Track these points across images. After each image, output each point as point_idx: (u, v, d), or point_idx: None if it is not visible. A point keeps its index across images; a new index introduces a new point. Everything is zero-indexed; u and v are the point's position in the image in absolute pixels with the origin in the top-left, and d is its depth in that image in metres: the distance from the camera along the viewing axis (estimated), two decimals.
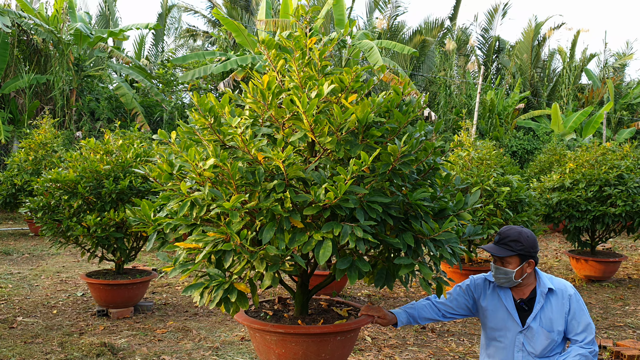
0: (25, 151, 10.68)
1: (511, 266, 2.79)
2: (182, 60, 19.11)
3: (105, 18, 23.97)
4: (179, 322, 5.51)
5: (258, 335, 2.88)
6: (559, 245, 11.11)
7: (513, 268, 2.78)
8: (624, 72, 27.30)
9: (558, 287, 2.83)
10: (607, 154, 7.82)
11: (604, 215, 7.24)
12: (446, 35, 25.98)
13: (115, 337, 5.00)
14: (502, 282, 2.84)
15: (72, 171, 5.33)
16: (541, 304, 2.81)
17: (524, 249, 2.77)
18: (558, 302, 2.80)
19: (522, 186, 6.55)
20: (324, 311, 3.24)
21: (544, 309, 2.80)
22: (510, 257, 2.78)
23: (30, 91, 16.91)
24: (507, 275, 2.80)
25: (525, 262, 2.80)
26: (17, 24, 16.80)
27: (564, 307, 2.79)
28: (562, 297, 2.80)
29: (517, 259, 2.78)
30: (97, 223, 5.17)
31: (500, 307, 2.90)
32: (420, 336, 5.24)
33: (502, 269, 2.80)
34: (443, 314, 3.03)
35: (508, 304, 2.87)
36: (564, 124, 21.34)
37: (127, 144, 5.72)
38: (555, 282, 2.87)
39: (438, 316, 3.03)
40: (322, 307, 3.32)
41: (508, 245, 2.78)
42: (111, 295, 5.59)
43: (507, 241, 2.79)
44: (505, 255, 2.76)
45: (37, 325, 5.31)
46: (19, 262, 8.38)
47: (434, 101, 22.95)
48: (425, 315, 3.03)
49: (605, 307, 6.51)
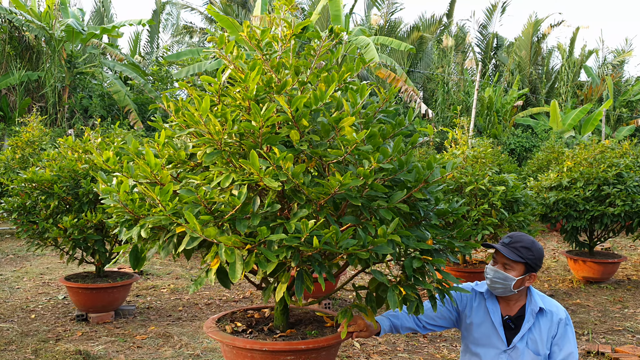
0: (12, 149, 10.46)
1: (514, 273, 2.55)
2: (176, 57, 18.88)
3: (100, 15, 23.73)
4: (161, 328, 5.30)
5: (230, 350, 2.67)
6: (557, 245, 10.90)
7: (515, 276, 2.54)
8: (623, 69, 27.09)
9: (549, 309, 2.59)
10: (605, 152, 7.61)
11: (602, 215, 7.03)
12: (444, 32, 25.75)
13: (93, 344, 4.79)
14: (497, 289, 2.59)
15: (48, 170, 5.12)
16: (530, 324, 2.57)
17: (533, 260, 2.54)
18: (547, 324, 2.57)
19: (518, 185, 6.33)
20: (304, 320, 3.03)
21: (532, 329, 2.57)
22: (516, 263, 2.55)
23: (21, 88, 16.68)
24: (505, 281, 2.55)
25: (528, 274, 2.57)
26: (8, 20, 16.57)
27: (551, 330, 2.56)
28: (551, 319, 2.57)
29: (522, 268, 2.55)
30: (74, 224, 4.96)
31: (486, 321, 2.66)
32: (411, 342, 5.04)
33: (502, 273, 2.55)
34: (423, 325, 2.79)
35: (495, 319, 2.63)
36: (562, 121, 21.13)
37: (107, 142, 5.50)
38: (547, 302, 2.63)
39: (418, 327, 2.79)
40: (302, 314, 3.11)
41: (518, 251, 2.54)
42: (90, 299, 5.38)
43: (518, 246, 2.55)
44: (513, 258, 2.52)
45: (12, 331, 5.10)
46: (2, 264, 8.17)
47: (431, 98, 22.74)
48: (407, 324, 2.79)
49: (604, 310, 6.31)
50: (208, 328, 2.76)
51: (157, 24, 24.52)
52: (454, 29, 26.45)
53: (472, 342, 2.70)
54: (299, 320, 3.02)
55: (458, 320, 2.79)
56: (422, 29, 24.35)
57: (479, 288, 2.76)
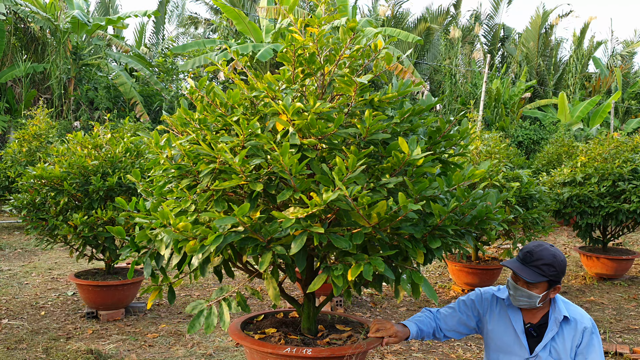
0: (19, 142, 10.41)
1: (537, 290, 2.43)
2: (182, 49, 18.77)
3: (105, 6, 23.60)
4: (172, 326, 5.24)
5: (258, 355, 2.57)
6: (567, 240, 10.80)
7: (539, 292, 2.43)
8: (632, 60, 26.81)
9: (574, 317, 2.48)
10: (620, 147, 7.48)
11: (617, 212, 6.92)
12: (451, 23, 25.52)
13: (104, 343, 4.74)
14: (521, 304, 2.50)
15: (57, 167, 5.04)
16: (553, 333, 2.47)
17: (556, 275, 2.41)
18: (571, 332, 2.46)
19: (533, 181, 6.24)
20: (329, 327, 2.95)
21: (556, 338, 2.47)
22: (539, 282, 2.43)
23: (27, 80, 16.61)
24: (530, 299, 2.45)
25: (552, 287, 2.45)
26: (13, 11, 16.47)
27: (575, 339, 2.46)
28: (575, 328, 2.46)
29: (546, 284, 2.43)
30: (84, 222, 4.89)
31: (508, 329, 2.57)
32: (425, 342, 4.97)
33: (526, 292, 2.44)
34: (444, 334, 2.71)
35: (517, 327, 2.55)
36: (571, 113, 20.95)
37: (116, 138, 5.42)
38: (571, 310, 2.52)
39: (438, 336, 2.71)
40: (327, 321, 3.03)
41: (540, 269, 2.40)
42: (101, 296, 5.32)
43: (539, 264, 2.41)
44: (536, 281, 2.39)
45: (23, 328, 5.06)
46: (11, 258, 8.13)
47: (438, 90, 22.58)
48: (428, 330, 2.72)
49: (619, 307, 6.22)
50: (234, 334, 2.68)
51: (162, 15, 24.36)
52: (463, 20, 26.23)
53: (494, 350, 2.62)
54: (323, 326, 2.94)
55: (479, 326, 2.71)
56: (430, 20, 24.14)
57: (501, 294, 2.66)
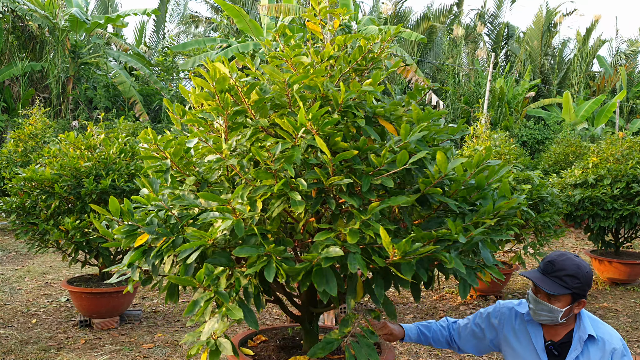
0: (14, 142, 10.17)
1: (559, 304, 2.19)
2: (182, 48, 18.54)
3: (104, 4, 23.36)
4: (168, 335, 5.01)
5: None
6: (576, 243, 10.55)
7: (561, 307, 2.19)
8: (636, 59, 26.54)
9: (601, 336, 2.22)
10: (633, 147, 7.23)
11: (632, 215, 6.67)
12: (454, 21, 25.26)
13: (97, 354, 4.51)
14: (542, 320, 2.27)
15: (48, 169, 4.81)
16: (577, 352, 2.22)
17: (581, 287, 2.17)
18: (597, 353, 2.20)
19: (544, 183, 6.00)
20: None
21: (580, 358, 2.22)
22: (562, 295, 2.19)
23: (25, 79, 16.38)
24: (551, 313, 2.21)
25: (577, 302, 2.21)
26: (11, 9, 16.24)
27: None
28: (603, 348, 2.20)
29: (569, 298, 2.19)
30: (76, 227, 4.65)
31: (527, 346, 2.34)
32: (434, 351, 4.73)
33: (547, 305, 2.21)
34: (458, 346, 2.54)
35: (538, 344, 2.31)
36: (575, 112, 20.68)
37: (111, 138, 5.18)
38: (599, 328, 2.26)
39: (451, 346, 2.55)
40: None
41: (562, 280, 2.17)
42: (94, 304, 5.08)
43: (561, 275, 2.18)
44: (558, 293, 2.16)
45: (12, 338, 4.82)
46: (4, 262, 7.90)
47: (441, 89, 22.31)
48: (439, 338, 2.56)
49: (634, 314, 5.98)
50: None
51: (163, 13, 24.12)
52: (466, 19, 25.97)
53: None
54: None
55: (494, 342, 2.50)
56: (432, 18, 23.89)
57: (521, 309, 2.44)
